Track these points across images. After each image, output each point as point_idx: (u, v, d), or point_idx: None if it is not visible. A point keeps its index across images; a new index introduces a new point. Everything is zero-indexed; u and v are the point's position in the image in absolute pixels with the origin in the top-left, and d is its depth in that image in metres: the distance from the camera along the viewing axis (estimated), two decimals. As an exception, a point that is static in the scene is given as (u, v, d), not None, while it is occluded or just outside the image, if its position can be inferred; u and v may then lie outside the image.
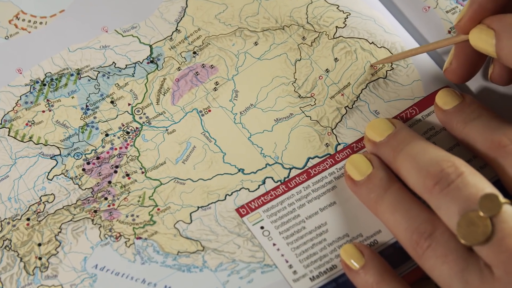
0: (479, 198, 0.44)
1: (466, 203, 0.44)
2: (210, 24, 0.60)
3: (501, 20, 0.47)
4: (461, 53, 0.52)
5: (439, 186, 0.45)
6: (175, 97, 0.57)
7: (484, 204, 0.43)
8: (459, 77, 0.53)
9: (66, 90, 0.58)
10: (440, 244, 0.45)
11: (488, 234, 0.43)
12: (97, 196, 0.53)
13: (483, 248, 0.43)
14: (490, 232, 0.43)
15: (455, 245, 0.44)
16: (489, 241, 0.43)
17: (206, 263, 0.50)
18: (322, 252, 0.50)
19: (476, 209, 0.43)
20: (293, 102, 0.56)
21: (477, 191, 0.44)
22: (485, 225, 0.43)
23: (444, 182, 0.45)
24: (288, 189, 0.53)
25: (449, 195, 0.45)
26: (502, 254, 0.42)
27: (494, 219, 0.43)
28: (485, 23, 0.48)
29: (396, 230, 0.47)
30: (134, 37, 0.60)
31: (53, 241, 0.52)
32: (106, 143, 0.55)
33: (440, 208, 0.45)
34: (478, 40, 0.48)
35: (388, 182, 0.49)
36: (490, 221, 0.43)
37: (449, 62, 0.52)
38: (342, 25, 0.58)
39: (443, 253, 0.44)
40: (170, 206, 0.53)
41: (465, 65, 0.52)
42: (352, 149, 0.54)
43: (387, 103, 0.55)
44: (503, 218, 0.43)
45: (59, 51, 0.59)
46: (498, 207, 0.43)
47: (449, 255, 0.44)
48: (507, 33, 0.46)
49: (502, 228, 0.43)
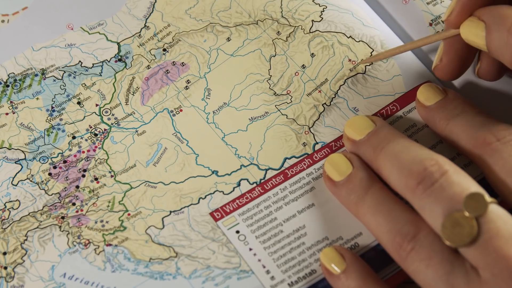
0: (464, 197, 0.44)
1: (450, 203, 0.44)
2: (181, 20, 0.60)
3: (491, 12, 0.47)
4: (451, 49, 0.51)
5: (422, 185, 0.45)
6: (144, 96, 0.57)
7: (469, 204, 0.43)
8: (450, 74, 0.52)
9: (31, 91, 0.58)
10: (424, 247, 0.44)
11: (474, 235, 0.43)
12: (65, 201, 0.53)
13: (469, 250, 0.43)
14: (476, 233, 0.43)
15: (440, 247, 0.44)
16: (475, 242, 0.43)
17: (180, 270, 0.50)
18: (301, 256, 0.50)
19: (461, 209, 0.43)
20: (268, 100, 0.56)
21: (462, 190, 0.44)
22: (471, 225, 0.43)
23: (428, 182, 0.45)
24: (264, 191, 0.52)
25: (432, 195, 0.45)
26: (489, 256, 0.42)
27: (480, 220, 0.43)
28: (476, 16, 0.48)
29: (378, 233, 0.47)
30: (101, 35, 0.59)
31: (19, 250, 0.52)
32: (73, 146, 0.55)
33: (424, 209, 0.45)
34: (469, 34, 0.48)
35: (369, 183, 0.49)
36: (476, 221, 0.43)
37: (439, 58, 0.52)
38: (319, 18, 0.58)
39: (427, 256, 0.44)
40: (141, 211, 0.53)
41: (456, 61, 0.51)
42: (331, 148, 0.53)
43: (367, 100, 0.55)
44: (489, 218, 0.43)
45: (23, 51, 0.59)
46: (484, 206, 0.43)
47: (434, 258, 0.44)
48: (497, 25, 0.46)
49: (489, 228, 0.42)
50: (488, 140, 0.47)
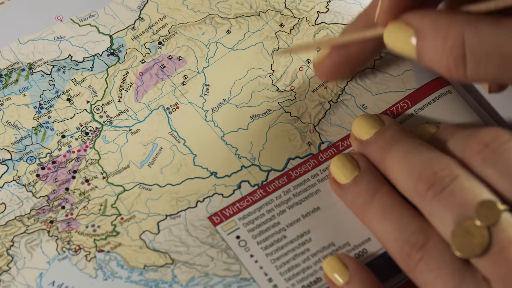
0: (475, 205, 0.43)
1: (461, 210, 0.43)
2: (177, 11, 0.59)
3: (423, 18, 0.45)
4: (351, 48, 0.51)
5: (432, 191, 0.45)
6: (139, 93, 0.57)
7: (481, 212, 0.43)
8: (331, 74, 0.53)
9: (17, 87, 0.57)
10: (433, 257, 0.44)
11: (485, 246, 0.42)
12: (53, 204, 0.53)
13: (480, 261, 0.42)
14: (487, 243, 0.42)
15: (450, 257, 0.44)
16: (487, 253, 0.42)
17: (176, 277, 0.50)
18: (305, 263, 0.50)
19: (473, 217, 0.43)
20: (271, 97, 0.56)
21: (473, 197, 0.43)
22: (482, 235, 0.42)
23: (438, 187, 0.44)
24: (266, 194, 0.52)
25: (443, 201, 0.44)
26: (501, 268, 0.41)
27: (492, 229, 0.42)
28: (403, 20, 0.46)
29: (385, 241, 0.47)
30: (92, 27, 0.59)
31: (4, 256, 0.51)
32: (62, 146, 0.55)
33: (433, 216, 0.45)
34: (395, 40, 0.46)
35: (376, 186, 0.49)
36: (488, 230, 0.42)
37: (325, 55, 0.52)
38: (324, 9, 0.58)
39: (437, 266, 0.44)
40: (135, 215, 0.52)
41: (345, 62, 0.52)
42: (337, 148, 0.53)
43: (376, 96, 0.55)
44: (502, 228, 0.42)
45: (8, 44, 0.59)
46: (496, 215, 0.42)
47: (443, 269, 0.44)
48: (432, 32, 0.44)
49: (501, 238, 0.42)
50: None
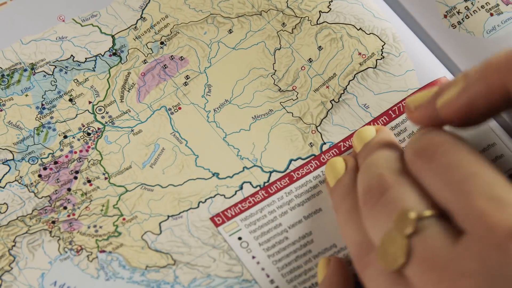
0: (397, 215, 0.42)
1: (387, 222, 0.43)
2: (179, 11, 0.59)
3: None
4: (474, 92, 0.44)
5: (369, 201, 0.44)
6: (141, 93, 0.57)
7: (401, 222, 0.42)
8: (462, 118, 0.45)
9: (19, 87, 0.57)
10: (374, 264, 0.44)
11: (406, 256, 0.41)
12: (55, 205, 0.53)
13: (406, 271, 0.41)
14: (408, 253, 0.41)
15: None
16: (409, 263, 0.41)
17: (178, 278, 0.50)
18: (307, 265, 0.50)
19: (395, 228, 0.42)
20: (273, 97, 0.56)
21: (396, 207, 0.43)
22: (402, 246, 0.41)
23: (373, 198, 0.44)
24: (268, 195, 0.52)
25: (374, 211, 0.44)
26: (424, 276, 0.40)
27: (412, 238, 0.41)
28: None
29: (347, 243, 0.47)
30: (94, 27, 0.59)
31: (6, 256, 0.52)
32: (64, 146, 0.55)
33: (369, 228, 0.44)
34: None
35: (348, 190, 0.49)
36: (408, 240, 0.41)
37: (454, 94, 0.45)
38: (326, 9, 0.58)
39: (375, 275, 0.43)
40: (137, 216, 0.53)
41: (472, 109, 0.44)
42: (339, 149, 0.53)
43: (378, 96, 0.55)
44: (421, 237, 0.41)
45: (11, 44, 0.59)
46: (412, 224, 0.41)
47: (380, 277, 0.43)
48: None
49: (420, 248, 0.41)
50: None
